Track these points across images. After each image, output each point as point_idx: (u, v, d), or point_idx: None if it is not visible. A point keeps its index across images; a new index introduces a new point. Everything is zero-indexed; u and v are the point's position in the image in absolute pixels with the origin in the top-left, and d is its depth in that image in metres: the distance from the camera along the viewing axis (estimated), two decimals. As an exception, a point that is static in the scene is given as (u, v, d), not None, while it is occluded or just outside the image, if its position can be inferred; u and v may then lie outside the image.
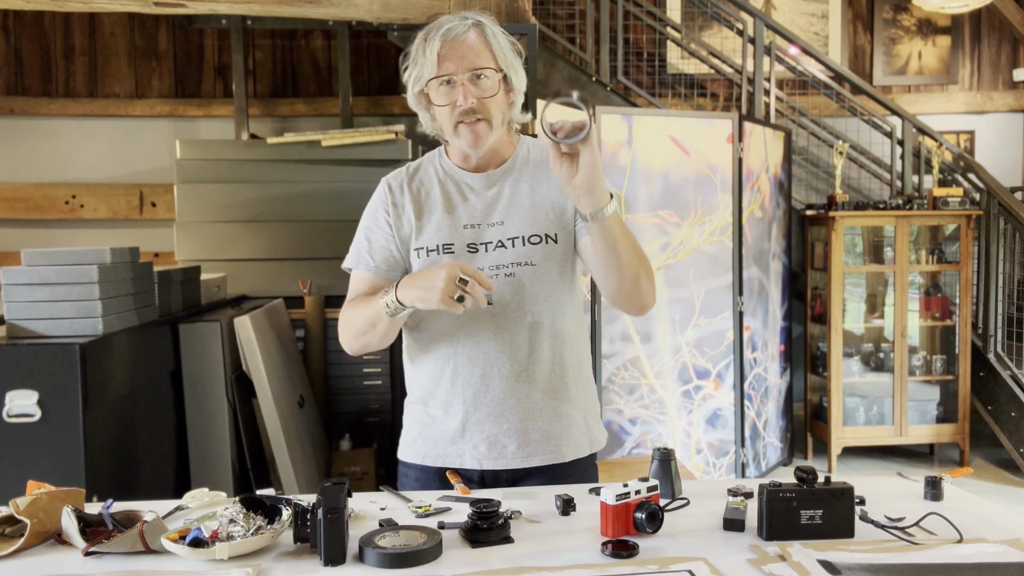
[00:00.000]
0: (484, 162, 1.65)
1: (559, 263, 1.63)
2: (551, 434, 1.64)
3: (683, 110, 5.34)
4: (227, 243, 4.04)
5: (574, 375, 1.68)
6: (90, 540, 1.28)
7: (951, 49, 5.81)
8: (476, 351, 1.61)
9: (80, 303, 2.40)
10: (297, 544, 1.28)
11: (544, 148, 1.67)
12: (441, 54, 1.53)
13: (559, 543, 1.30)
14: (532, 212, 1.62)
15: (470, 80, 1.54)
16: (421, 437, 1.68)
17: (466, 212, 1.63)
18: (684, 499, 1.48)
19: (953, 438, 4.78)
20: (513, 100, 1.62)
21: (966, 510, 1.42)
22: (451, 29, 1.54)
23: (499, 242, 1.60)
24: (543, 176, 1.66)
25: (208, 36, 5.31)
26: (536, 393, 1.62)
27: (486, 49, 1.56)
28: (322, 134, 4.11)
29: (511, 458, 1.62)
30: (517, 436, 1.62)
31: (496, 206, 1.63)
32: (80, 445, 2.28)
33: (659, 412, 4.04)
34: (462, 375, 1.62)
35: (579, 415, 1.68)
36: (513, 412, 1.61)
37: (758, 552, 1.25)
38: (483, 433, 1.62)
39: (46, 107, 5.23)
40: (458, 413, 1.63)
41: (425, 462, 1.67)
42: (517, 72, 1.61)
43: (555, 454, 1.64)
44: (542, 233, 1.61)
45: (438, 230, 1.62)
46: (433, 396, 1.66)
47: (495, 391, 1.61)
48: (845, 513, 1.30)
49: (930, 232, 4.96)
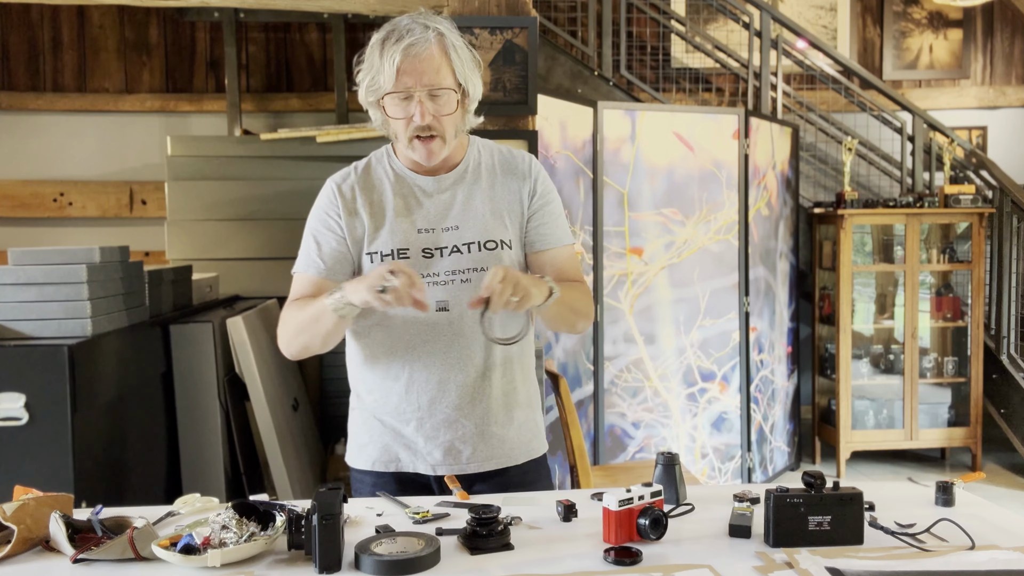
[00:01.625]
0: (435, 166, 1.66)
1: (513, 268, 1.64)
2: (505, 438, 1.67)
3: (688, 105, 5.34)
4: (219, 242, 4.03)
5: (522, 378, 1.71)
6: (79, 547, 1.28)
7: (963, 42, 5.81)
8: (433, 358, 1.62)
9: (68, 303, 2.39)
10: (291, 551, 1.28)
11: (497, 151, 1.73)
12: (400, 68, 1.54)
13: (560, 550, 1.30)
14: (487, 217, 1.65)
15: (428, 96, 1.56)
16: (372, 443, 1.69)
17: (420, 216, 1.64)
18: (689, 505, 1.48)
19: (965, 442, 4.78)
20: (468, 107, 1.65)
21: (978, 516, 1.42)
22: (412, 44, 1.54)
23: (455, 247, 1.62)
24: (497, 180, 1.69)
25: (200, 29, 5.31)
26: (491, 398, 1.65)
27: (446, 64, 1.57)
28: (317, 130, 4.11)
29: (466, 463, 1.65)
30: (472, 441, 1.64)
31: (451, 210, 1.65)
32: (68, 449, 2.28)
33: (663, 415, 4.04)
34: (418, 381, 1.63)
35: (528, 416, 1.72)
36: (468, 418, 1.64)
37: (765, 559, 1.25)
38: (438, 439, 1.64)
39: (33, 102, 5.23)
40: (412, 419, 1.64)
41: (376, 468, 1.68)
42: (474, 84, 1.63)
43: (509, 457, 1.68)
44: (497, 239, 1.64)
45: (392, 234, 1.63)
46: (385, 402, 1.67)
47: (451, 397, 1.63)
48: (854, 519, 1.30)
49: (941, 231, 4.96)
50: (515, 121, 3.22)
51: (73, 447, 2.28)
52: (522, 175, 1.69)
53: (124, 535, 1.27)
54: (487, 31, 3.15)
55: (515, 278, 1.46)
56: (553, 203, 1.72)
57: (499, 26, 3.15)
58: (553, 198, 1.73)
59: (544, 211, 1.70)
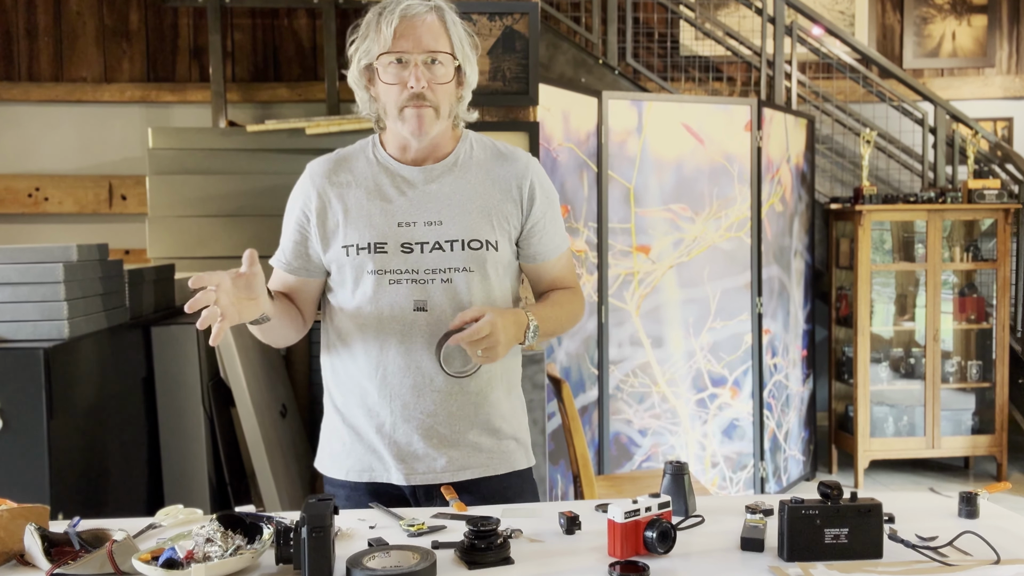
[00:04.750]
0: (423, 155, 1.66)
1: (498, 271, 1.65)
2: (482, 447, 1.67)
3: (697, 95, 5.34)
4: (203, 239, 4.03)
5: (505, 387, 1.71)
6: (55, 561, 1.28)
7: (987, 29, 5.81)
8: (408, 360, 1.62)
9: (44, 304, 2.39)
10: (279, 565, 1.28)
11: (492, 147, 1.73)
12: (398, 30, 1.55)
13: (563, 564, 1.30)
14: (473, 214, 1.63)
15: (424, 62, 1.56)
16: (344, 451, 1.69)
17: (400, 208, 1.63)
18: (698, 517, 1.48)
19: (990, 450, 4.78)
20: (463, 95, 1.65)
21: (1004, 528, 1.42)
22: (411, 6, 1.56)
23: (436, 243, 1.61)
24: (488, 176, 1.67)
25: (183, 15, 5.31)
26: (468, 407, 1.65)
27: (444, 34, 1.59)
28: (306, 121, 4.11)
29: (440, 472, 1.64)
30: (447, 450, 1.64)
31: (434, 203, 1.63)
32: (44, 458, 2.28)
33: (671, 422, 4.04)
34: (391, 385, 1.63)
35: (511, 428, 1.71)
36: (444, 425, 1.63)
37: (778, 574, 1.25)
38: (411, 447, 1.64)
39: (7, 92, 5.23)
40: (384, 425, 1.64)
41: (349, 477, 1.68)
42: (472, 66, 1.64)
43: (488, 467, 1.67)
44: (483, 239, 1.63)
45: (370, 226, 1.62)
46: (359, 406, 1.67)
47: (426, 403, 1.63)
48: (873, 532, 1.30)
49: (965, 227, 4.96)
50: (515, 112, 3.22)
51: (49, 455, 2.28)
52: (518, 175, 1.68)
53: (103, 549, 1.27)
54: (486, 17, 3.15)
55: (495, 342, 1.50)
56: (552, 208, 1.72)
57: (498, 11, 3.15)
58: (552, 202, 1.72)
59: (544, 220, 1.69)
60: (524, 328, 1.59)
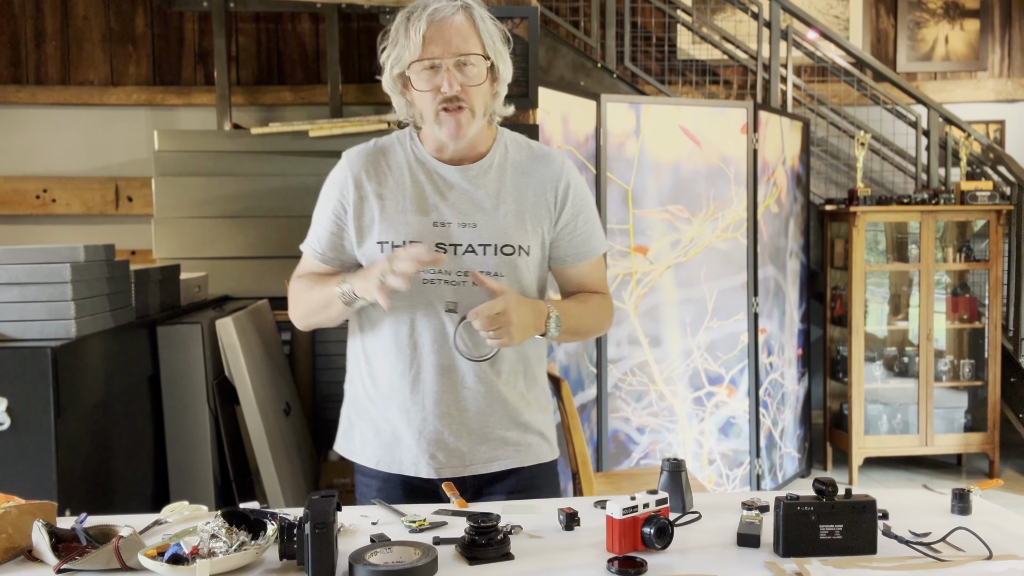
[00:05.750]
0: (460, 154, 1.64)
1: (529, 276, 1.64)
2: (510, 441, 1.67)
3: (694, 98, 5.34)
4: (208, 240, 4.03)
5: (529, 383, 1.71)
6: (63, 557, 1.28)
7: (980, 33, 5.81)
8: (439, 358, 1.62)
9: (52, 304, 2.39)
10: (283, 561, 1.28)
11: (527, 148, 1.71)
12: (427, 36, 1.52)
13: (562, 560, 1.30)
14: (508, 218, 1.62)
15: (456, 66, 1.54)
16: (377, 441, 1.69)
17: (437, 208, 1.62)
18: (695, 513, 1.48)
19: (982, 448, 4.78)
20: (497, 91, 1.63)
21: (996, 525, 1.42)
22: (438, 10, 1.53)
23: (470, 247, 1.61)
24: (523, 179, 1.66)
25: (188, 20, 5.31)
26: (497, 402, 1.65)
27: (474, 34, 1.56)
28: (309, 124, 4.11)
29: (469, 466, 1.65)
30: (477, 444, 1.65)
31: (470, 205, 1.62)
32: (52, 455, 2.28)
33: (669, 420, 4.04)
34: (424, 381, 1.63)
35: (537, 423, 1.72)
36: (474, 420, 1.64)
37: (774, 569, 1.25)
38: (442, 441, 1.64)
39: (15, 95, 5.23)
40: (416, 420, 1.64)
41: (380, 467, 1.68)
42: (504, 61, 1.61)
43: (514, 459, 1.68)
44: (515, 244, 1.62)
45: (406, 225, 1.61)
46: (390, 399, 1.66)
47: (456, 399, 1.63)
48: (867, 528, 1.30)
49: (957, 228, 4.96)
50: (515, 115, 3.21)
51: (57, 453, 2.28)
52: (552, 177, 1.66)
53: (109, 544, 1.27)
54: (486, 21, 3.14)
55: (507, 321, 1.48)
56: (586, 210, 1.70)
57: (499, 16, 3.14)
58: (587, 204, 1.70)
59: (576, 221, 1.68)
60: (543, 317, 1.58)
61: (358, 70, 5.37)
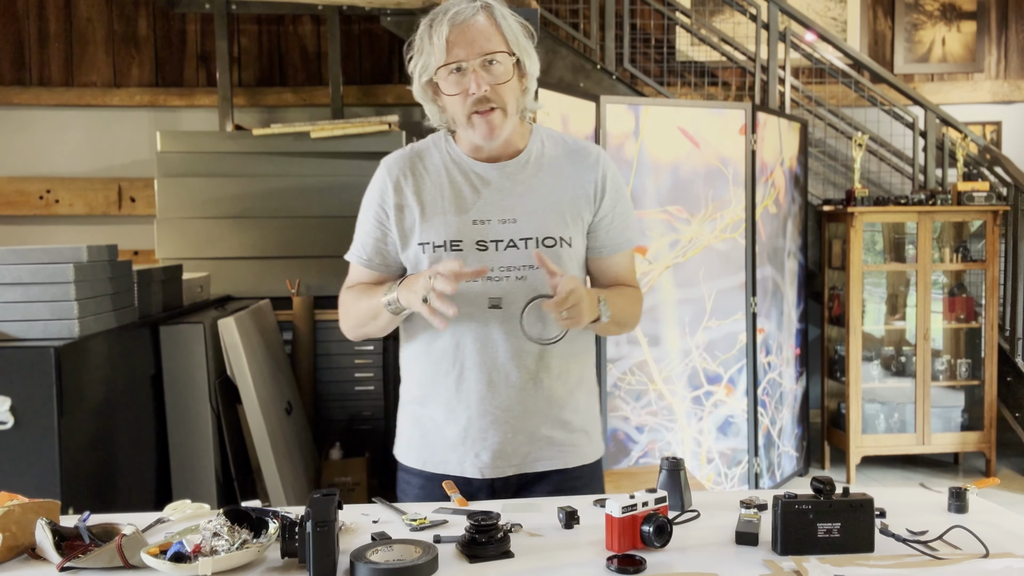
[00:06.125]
0: (496, 152, 1.64)
1: (571, 268, 1.63)
2: (555, 440, 1.65)
3: (693, 100, 5.34)
4: (210, 240, 4.04)
5: (577, 381, 1.69)
6: (66, 555, 1.28)
7: (977, 35, 5.81)
8: (483, 356, 1.61)
9: (55, 304, 2.39)
10: (285, 559, 1.28)
11: (562, 142, 1.69)
12: (450, 40, 1.52)
13: (562, 558, 1.30)
14: (547, 212, 1.61)
15: (481, 66, 1.53)
16: (423, 441, 1.69)
17: (476, 206, 1.61)
18: (694, 511, 1.48)
19: (979, 447, 4.78)
20: (527, 86, 1.62)
21: (993, 523, 1.42)
22: (459, 13, 1.53)
23: (511, 241, 1.59)
24: (561, 173, 1.65)
25: (190, 21, 5.31)
26: (542, 401, 1.63)
27: (496, 32, 1.55)
28: (311, 125, 4.11)
29: (514, 466, 1.64)
30: (521, 444, 1.63)
31: (509, 202, 1.62)
32: (55, 454, 2.28)
33: (668, 419, 4.04)
34: (468, 380, 1.62)
35: (583, 421, 1.70)
36: (519, 420, 1.62)
37: (772, 567, 1.25)
38: (486, 441, 1.62)
39: (18, 96, 5.23)
40: (461, 419, 1.63)
41: (425, 468, 1.68)
42: (530, 56, 1.60)
43: (559, 460, 1.66)
44: (556, 236, 1.61)
45: (446, 225, 1.61)
46: (435, 399, 1.66)
47: (501, 398, 1.61)
48: (864, 526, 1.30)
49: (954, 229, 4.96)
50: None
51: (60, 452, 2.28)
52: (590, 169, 1.66)
53: (112, 543, 1.27)
54: (486, 23, 3.14)
55: (579, 299, 1.46)
56: (622, 201, 1.69)
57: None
58: (623, 195, 1.69)
59: (614, 212, 1.67)
60: (595, 300, 1.56)
61: (359, 71, 5.37)
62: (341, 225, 1.74)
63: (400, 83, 5.40)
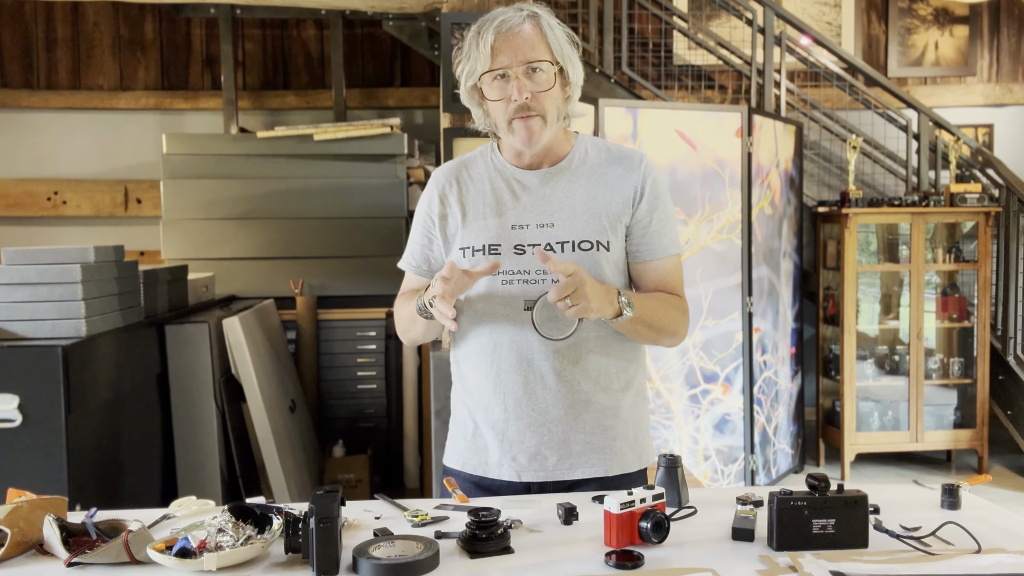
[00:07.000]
0: (539, 160, 1.64)
1: (609, 272, 1.60)
2: (594, 446, 1.62)
3: (690, 103, 5.34)
4: (215, 241, 4.04)
5: (621, 387, 1.65)
6: (73, 550, 1.28)
7: (969, 39, 5.81)
8: (519, 358, 1.60)
9: (62, 304, 2.40)
10: (288, 555, 1.28)
11: (606, 148, 1.69)
12: (495, 47, 1.53)
13: (561, 553, 1.30)
14: (585, 216, 1.61)
15: (524, 73, 1.54)
16: (465, 444, 1.69)
17: (515, 212, 1.62)
18: (691, 508, 1.48)
19: (971, 444, 4.78)
20: (570, 94, 1.62)
21: (985, 519, 1.42)
22: (505, 21, 1.54)
23: (547, 245, 1.59)
24: (601, 179, 1.64)
25: (196, 26, 5.31)
26: (580, 405, 1.60)
27: (541, 41, 1.56)
28: (314, 128, 4.11)
29: (551, 470, 1.61)
30: (559, 448, 1.61)
31: (547, 206, 1.62)
32: (62, 451, 2.28)
33: (665, 417, 4.04)
34: (504, 382, 1.61)
35: (626, 429, 1.65)
36: (556, 423, 1.60)
37: (768, 563, 1.25)
38: (523, 443, 1.61)
39: (27, 100, 5.23)
40: (498, 422, 1.62)
41: (465, 469, 1.68)
42: (574, 65, 1.60)
43: (598, 467, 1.62)
44: (593, 239, 1.60)
45: (485, 229, 1.61)
46: (477, 402, 1.66)
47: (537, 400, 1.60)
48: (859, 522, 1.30)
49: (947, 230, 4.96)
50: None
51: (67, 449, 2.29)
52: (631, 173, 1.64)
53: (119, 538, 1.27)
54: (487, 28, 3.14)
55: (579, 283, 1.42)
56: (661, 208, 1.66)
57: (499, 22, 3.14)
58: (663, 202, 1.66)
59: (652, 217, 1.64)
60: (613, 293, 1.52)
61: (361, 75, 5.37)
62: (344, 226, 1.75)
63: (402, 86, 5.40)
